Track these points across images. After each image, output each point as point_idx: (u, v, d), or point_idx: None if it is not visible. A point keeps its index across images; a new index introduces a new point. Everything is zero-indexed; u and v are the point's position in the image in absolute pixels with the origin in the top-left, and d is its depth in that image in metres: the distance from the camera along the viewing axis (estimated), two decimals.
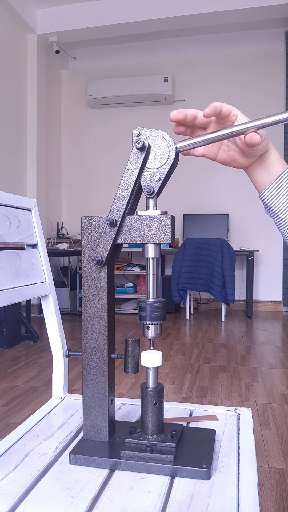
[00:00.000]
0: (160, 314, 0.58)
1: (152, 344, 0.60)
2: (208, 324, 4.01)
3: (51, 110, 4.97)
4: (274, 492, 1.29)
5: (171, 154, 0.57)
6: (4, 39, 4.04)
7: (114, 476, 0.55)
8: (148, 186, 0.57)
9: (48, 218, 4.82)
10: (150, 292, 0.59)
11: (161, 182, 0.57)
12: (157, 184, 0.57)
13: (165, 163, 0.57)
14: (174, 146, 0.57)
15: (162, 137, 0.57)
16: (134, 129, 0.58)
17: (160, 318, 0.58)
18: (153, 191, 0.57)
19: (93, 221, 0.59)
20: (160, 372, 2.48)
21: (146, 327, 0.58)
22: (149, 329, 0.58)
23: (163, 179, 0.57)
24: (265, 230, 4.75)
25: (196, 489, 0.52)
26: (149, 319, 0.58)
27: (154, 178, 0.57)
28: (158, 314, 0.58)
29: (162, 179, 0.57)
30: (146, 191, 0.57)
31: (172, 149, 0.57)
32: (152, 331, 0.58)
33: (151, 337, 0.59)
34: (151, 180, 0.57)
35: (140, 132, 0.58)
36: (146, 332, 0.58)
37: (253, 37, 4.72)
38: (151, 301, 0.58)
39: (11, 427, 1.73)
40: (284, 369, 2.57)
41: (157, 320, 0.58)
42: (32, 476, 0.55)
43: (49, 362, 2.67)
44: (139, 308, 0.59)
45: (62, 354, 0.86)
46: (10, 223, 0.78)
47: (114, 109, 5.08)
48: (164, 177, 0.57)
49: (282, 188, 0.59)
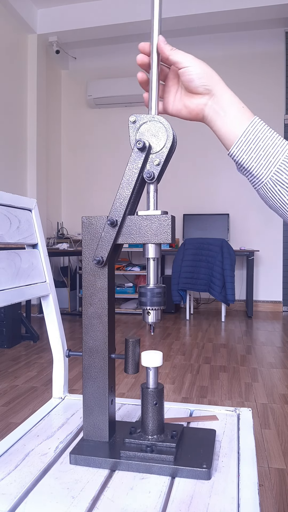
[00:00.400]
0: (161, 299, 0.58)
1: (153, 330, 0.60)
2: (208, 324, 4.01)
3: (51, 110, 4.97)
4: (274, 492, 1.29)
5: (169, 138, 0.57)
6: (4, 39, 4.04)
7: (114, 476, 0.55)
8: (148, 171, 0.57)
9: (48, 218, 4.82)
10: (151, 277, 0.59)
11: (161, 167, 0.57)
12: (157, 168, 0.57)
13: (164, 147, 0.57)
14: (172, 130, 0.57)
15: (158, 121, 0.58)
16: (129, 116, 0.58)
17: (161, 304, 0.58)
18: (153, 176, 0.57)
19: (94, 221, 0.59)
20: (160, 372, 2.48)
21: (147, 312, 0.58)
22: (149, 314, 0.58)
23: (163, 164, 0.57)
24: (265, 230, 4.75)
25: (196, 489, 0.52)
26: (150, 304, 0.58)
27: (154, 163, 0.57)
28: (158, 300, 0.58)
29: (161, 163, 0.57)
30: (146, 176, 0.57)
31: (169, 133, 0.57)
32: (152, 316, 0.58)
33: (152, 322, 0.59)
34: (151, 165, 0.57)
35: (136, 118, 0.58)
36: (147, 317, 0.58)
37: (253, 37, 4.72)
38: (152, 287, 0.58)
39: (11, 427, 1.73)
40: (284, 369, 2.57)
41: (157, 305, 0.58)
42: (32, 476, 0.55)
43: (49, 362, 2.67)
44: (140, 293, 0.59)
45: (62, 354, 0.86)
46: (10, 223, 0.78)
47: (114, 109, 5.08)
48: (163, 161, 0.57)
49: (251, 142, 0.55)
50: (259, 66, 4.74)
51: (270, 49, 4.71)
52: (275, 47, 4.70)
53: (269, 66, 4.72)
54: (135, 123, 0.58)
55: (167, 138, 0.57)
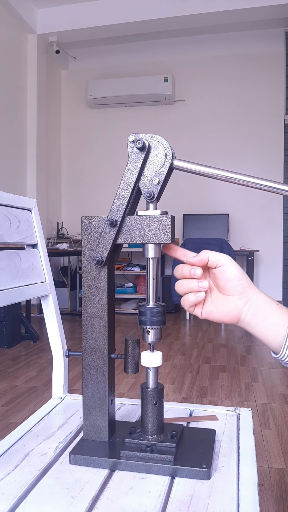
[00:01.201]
0: (160, 318, 0.58)
1: (152, 348, 0.60)
2: (208, 324, 4.01)
3: (51, 110, 4.96)
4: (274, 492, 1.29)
5: (168, 157, 0.57)
6: (4, 39, 4.04)
7: (114, 476, 0.55)
8: (148, 190, 0.57)
9: (48, 218, 4.82)
10: (150, 296, 0.59)
11: (160, 186, 0.57)
12: (156, 188, 0.57)
13: (163, 166, 0.57)
14: (170, 150, 0.57)
15: (157, 141, 0.57)
16: (128, 136, 0.58)
17: (160, 323, 0.58)
18: (153, 196, 0.57)
19: (93, 221, 0.59)
20: (160, 372, 2.48)
21: (146, 332, 0.58)
22: (149, 334, 0.58)
23: (162, 183, 0.57)
24: (265, 230, 4.75)
25: (196, 489, 0.52)
26: (149, 324, 0.58)
27: (153, 182, 0.57)
28: (158, 319, 0.58)
29: (161, 182, 0.57)
30: (146, 196, 0.57)
31: (168, 152, 0.57)
32: (152, 335, 0.58)
33: (151, 341, 0.59)
34: (150, 185, 0.57)
35: (135, 138, 0.58)
36: (146, 336, 0.58)
37: (253, 37, 4.72)
38: (151, 306, 0.58)
39: (11, 427, 1.73)
40: (284, 369, 2.57)
41: (157, 324, 0.58)
42: (32, 476, 0.55)
43: (49, 362, 2.66)
44: (139, 312, 0.59)
45: (62, 354, 0.86)
46: (10, 223, 0.78)
47: (114, 109, 5.08)
48: (162, 180, 0.57)
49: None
50: (259, 66, 4.74)
51: (270, 49, 4.71)
52: (275, 47, 4.70)
53: (269, 66, 4.72)
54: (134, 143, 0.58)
55: (166, 157, 0.57)
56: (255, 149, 4.74)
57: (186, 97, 4.89)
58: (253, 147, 4.74)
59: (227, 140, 4.81)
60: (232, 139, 4.79)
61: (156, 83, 4.74)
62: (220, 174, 0.57)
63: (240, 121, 4.77)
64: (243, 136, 4.77)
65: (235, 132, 4.79)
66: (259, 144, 4.74)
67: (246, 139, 4.76)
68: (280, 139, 4.68)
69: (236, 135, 4.78)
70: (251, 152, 4.75)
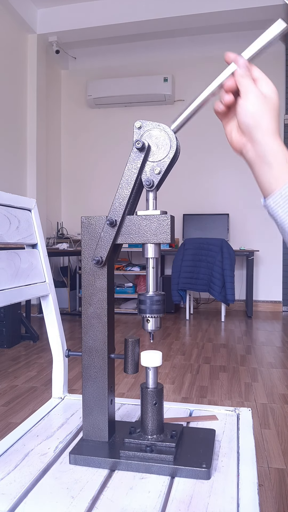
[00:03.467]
0: (160, 307, 0.58)
1: (152, 337, 0.60)
2: (208, 324, 4.01)
3: (51, 110, 4.96)
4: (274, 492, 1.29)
5: (172, 148, 0.57)
6: (4, 39, 4.04)
7: (114, 476, 0.55)
8: (148, 179, 0.57)
9: (48, 218, 4.82)
10: (150, 285, 0.59)
11: (161, 176, 0.57)
12: (157, 177, 0.57)
13: (166, 157, 0.57)
14: (175, 141, 0.57)
15: (163, 130, 0.58)
16: (135, 121, 0.58)
17: (160, 311, 0.58)
18: (152, 184, 0.57)
19: (93, 221, 0.59)
20: (160, 372, 2.48)
21: (146, 320, 0.58)
22: (148, 322, 0.58)
23: (163, 173, 0.57)
24: (265, 230, 4.75)
25: (196, 489, 0.52)
26: (149, 312, 0.58)
27: (154, 172, 0.57)
28: (158, 307, 0.58)
29: (162, 172, 0.57)
30: (145, 184, 0.57)
31: (173, 143, 0.57)
32: (151, 324, 0.58)
33: (151, 330, 0.59)
34: (151, 173, 0.57)
35: (142, 124, 0.58)
36: (146, 325, 0.58)
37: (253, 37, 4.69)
38: (151, 294, 0.58)
39: (11, 427, 1.73)
40: (284, 369, 2.57)
41: (157, 313, 0.58)
42: (32, 476, 0.55)
43: (49, 362, 2.66)
44: (139, 301, 0.59)
45: (62, 354, 0.86)
46: (10, 223, 0.78)
47: (114, 109, 5.08)
48: (164, 170, 0.57)
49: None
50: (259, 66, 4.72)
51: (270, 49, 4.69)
52: (275, 47, 4.69)
53: (269, 66, 4.70)
54: (140, 129, 0.58)
55: (170, 148, 0.57)
56: None
57: (186, 97, 4.89)
58: None
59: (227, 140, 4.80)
60: None
61: (156, 83, 4.74)
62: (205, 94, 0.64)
63: None
64: None
65: None
66: None
67: None
68: None
69: None
70: None
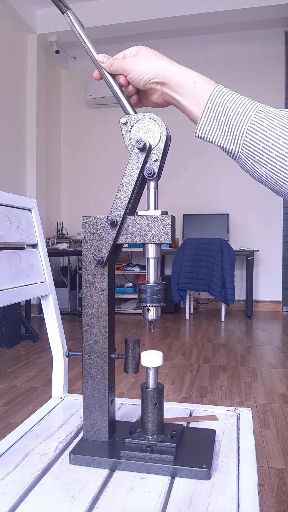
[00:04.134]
0: (161, 296, 0.58)
1: (153, 327, 0.60)
2: (208, 324, 4.01)
3: (51, 110, 4.96)
4: (274, 492, 1.29)
5: (163, 132, 0.57)
6: (4, 39, 4.04)
7: (114, 476, 0.55)
8: (148, 168, 0.57)
9: (48, 218, 4.82)
10: (151, 275, 0.59)
11: (159, 162, 0.57)
12: (156, 164, 0.57)
13: (159, 141, 0.57)
14: (164, 125, 0.57)
15: (149, 118, 0.58)
16: (120, 118, 0.58)
17: (161, 300, 0.58)
18: (153, 172, 0.57)
19: (94, 221, 0.59)
20: (160, 372, 2.48)
21: (147, 309, 0.58)
22: (149, 311, 0.58)
23: (161, 159, 0.57)
24: (265, 230, 4.75)
25: (196, 489, 0.52)
26: (150, 301, 0.58)
27: (152, 159, 0.57)
28: (158, 296, 0.58)
29: (159, 158, 0.57)
30: (146, 173, 0.57)
31: (162, 128, 0.57)
32: (152, 313, 0.58)
33: (152, 319, 0.59)
34: (150, 162, 0.58)
35: (127, 119, 0.58)
36: (147, 314, 0.59)
37: (253, 37, 4.72)
38: (152, 284, 0.58)
39: (11, 427, 1.73)
40: (284, 369, 2.57)
41: (157, 302, 0.58)
42: (32, 476, 0.55)
43: (49, 362, 2.66)
44: (140, 290, 0.59)
45: (62, 354, 0.86)
46: (10, 223, 0.78)
47: (114, 109, 5.08)
48: (161, 156, 0.57)
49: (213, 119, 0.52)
50: (259, 66, 4.74)
51: (270, 49, 4.71)
52: (275, 47, 4.70)
53: (269, 66, 4.72)
54: (126, 124, 0.58)
55: (161, 132, 0.57)
56: None
57: None
58: None
59: None
60: None
61: None
62: None
63: None
64: None
65: None
66: None
67: None
68: None
69: None
70: None
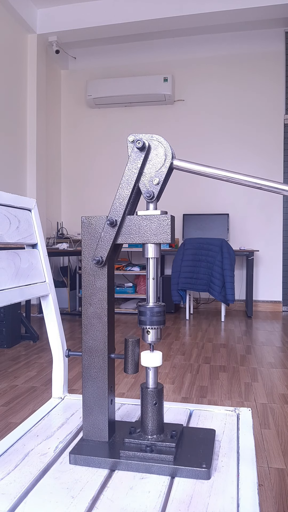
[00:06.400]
0: (160, 318, 0.58)
1: (152, 348, 0.60)
2: (208, 324, 4.01)
3: (51, 110, 4.96)
4: (274, 492, 1.29)
5: (168, 157, 0.57)
6: (4, 39, 4.04)
7: (114, 476, 0.55)
8: (148, 190, 0.57)
9: (48, 218, 4.82)
10: (150, 296, 0.59)
11: (160, 186, 0.57)
12: (156, 188, 0.57)
13: (162, 166, 0.57)
14: (170, 150, 0.57)
15: (157, 140, 0.58)
16: (128, 136, 0.58)
17: (160, 323, 0.58)
18: (153, 195, 0.57)
19: (93, 221, 0.59)
20: (160, 372, 2.48)
21: (146, 332, 0.59)
22: (149, 334, 0.58)
23: (162, 183, 0.57)
24: (265, 230, 4.75)
25: (196, 489, 0.52)
26: (149, 324, 0.58)
27: (153, 182, 0.57)
28: (158, 319, 0.58)
29: (161, 182, 0.57)
30: (146, 196, 0.57)
31: (168, 152, 0.57)
32: (152, 335, 0.59)
33: (151, 341, 0.59)
34: (150, 185, 0.57)
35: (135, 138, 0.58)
36: (146, 336, 0.59)
37: (253, 37, 4.72)
38: (151, 306, 0.58)
39: (11, 427, 1.73)
40: (284, 369, 2.57)
41: (157, 324, 0.58)
42: (32, 476, 0.55)
43: (49, 362, 2.66)
44: (139, 312, 0.59)
45: (62, 354, 0.86)
46: (10, 223, 0.78)
47: (114, 109, 5.08)
48: (162, 180, 0.57)
49: None
50: (259, 66, 4.74)
51: (270, 49, 4.71)
52: (275, 47, 4.70)
53: (269, 66, 4.72)
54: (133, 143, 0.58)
55: (166, 157, 0.57)
56: (255, 149, 4.74)
57: (186, 97, 4.89)
58: (253, 147, 4.74)
59: (227, 140, 4.81)
60: (232, 139, 4.80)
61: (156, 83, 4.74)
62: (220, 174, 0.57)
63: (240, 121, 4.77)
64: (243, 136, 4.77)
65: (235, 132, 4.79)
66: (259, 144, 4.74)
67: (246, 139, 4.76)
68: (280, 139, 4.68)
69: (236, 135, 4.78)
70: (251, 152, 4.75)
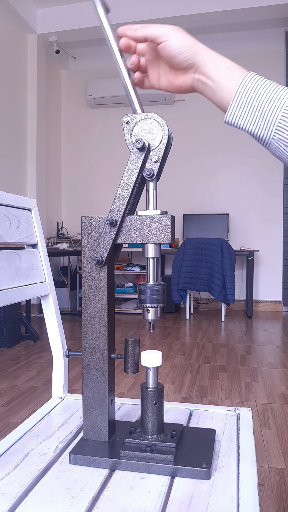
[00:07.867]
0: (160, 297, 0.58)
1: (152, 327, 0.60)
2: (208, 324, 4.01)
3: (51, 110, 4.96)
4: (274, 492, 1.29)
5: (164, 133, 0.57)
6: (4, 39, 4.04)
7: (114, 476, 0.55)
8: (148, 168, 0.57)
9: (48, 218, 4.82)
10: (150, 275, 0.59)
11: (159, 164, 0.57)
12: (155, 165, 0.57)
13: (160, 143, 0.57)
14: (166, 126, 0.57)
15: (152, 118, 0.58)
16: (123, 116, 0.58)
17: (160, 301, 0.58)
18: (153, 173, 0.57)
19: (93, 221, 0.59)
20: (160, 372, 2.48)
21: (146, 310, 0.59)
22: (149, 312, 0.58)
23: (161, 160, 0.57)
24: (265, 230, 4.75)
25: (196, 489, 0.52)
26: (149, 302, 0.58)
27: (152, 160, 0.57)
28: (158, 297, 0.58)
29: (159, 160, 0.57)
30: (146, 174, 0.57)
31: (164, 129, 0.57)
32: (152, 313, 0.59)
33: (151, 319, 0.59)
34: (149, 163, 0.58)
35: (130, 118, 0.58)
36: (146, 314, 0.59)
37: (253, 37, 4.72)
38: (151, 284, 0.58)
39: (11, 427, 1.73)
40: (284, 369, 2.57)
41: (157, 302, 0.58)
42: (32, 476, 0.55)
43: (49, 362, 2.67)
44: (139, 291, 0.59)
45: (62, 354, 0.86)
46: (10, 223, 0.78)
47: (114, 109, 5.08)
48: (161, 158, 0.57)
49: (244, 105, 0.51)
50: (259, 66, 4.74)
51: (270, 49, 4.71)
52: (275, 47, 4.70)
53: (269, 66, 4.72)
54: (129, 123, 0.58)
55: (163, 134, 0.57)
56: (254, 148, 4.74)
57: (186, 97, 4.89)
58: (253, 146, 4.74)
59: (227, 140, 4.81)
60: (232, 139, 4.79)
61: None
62: None
63: None
64: (243, 136, 4.77)
65: (235, 132, 4.79)
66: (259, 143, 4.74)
67: (246, 138, 4.76)
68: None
69: (236, 135, 4.78)
70: (250, 151, 4.75)
